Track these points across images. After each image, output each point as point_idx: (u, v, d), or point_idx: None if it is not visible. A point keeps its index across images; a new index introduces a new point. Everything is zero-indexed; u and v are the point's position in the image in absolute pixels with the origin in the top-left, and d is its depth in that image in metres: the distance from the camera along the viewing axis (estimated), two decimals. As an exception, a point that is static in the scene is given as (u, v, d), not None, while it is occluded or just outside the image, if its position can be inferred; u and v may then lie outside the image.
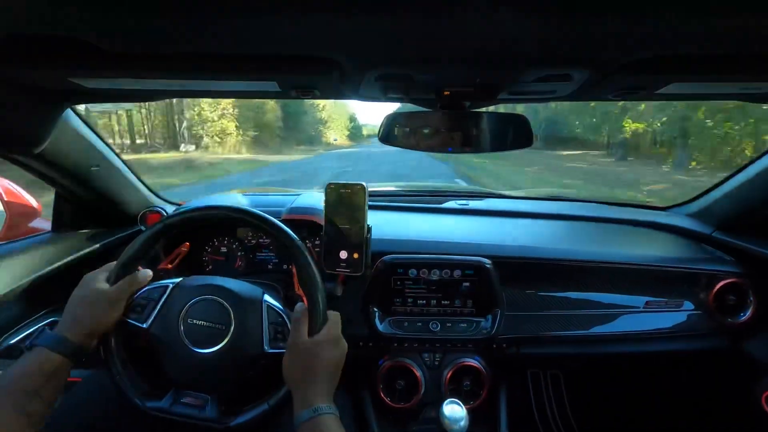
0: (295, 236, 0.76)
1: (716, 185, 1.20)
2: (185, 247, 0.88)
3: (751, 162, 1.06)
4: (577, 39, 0.48)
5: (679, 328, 1.09)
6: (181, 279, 0.81)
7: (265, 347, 0.76)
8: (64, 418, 0.80)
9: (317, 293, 0.73)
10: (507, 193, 1.63)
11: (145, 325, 0.75)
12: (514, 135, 0.76)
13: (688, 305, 1.11)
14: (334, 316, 0.75)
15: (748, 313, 1.06)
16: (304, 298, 0.75)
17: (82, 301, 0.71)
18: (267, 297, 0.80)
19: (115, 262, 0.76)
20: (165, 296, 0.77)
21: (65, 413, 0.80)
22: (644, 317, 1.10)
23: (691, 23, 0.44)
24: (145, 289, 0.78)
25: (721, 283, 1.07)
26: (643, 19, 0.43)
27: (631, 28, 0.45)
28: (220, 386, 0.76)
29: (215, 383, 0.76)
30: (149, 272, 0.80)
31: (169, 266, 0.86)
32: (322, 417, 0.62)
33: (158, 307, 0.77)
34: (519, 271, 1.09)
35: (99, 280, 0.74)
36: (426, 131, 0.75)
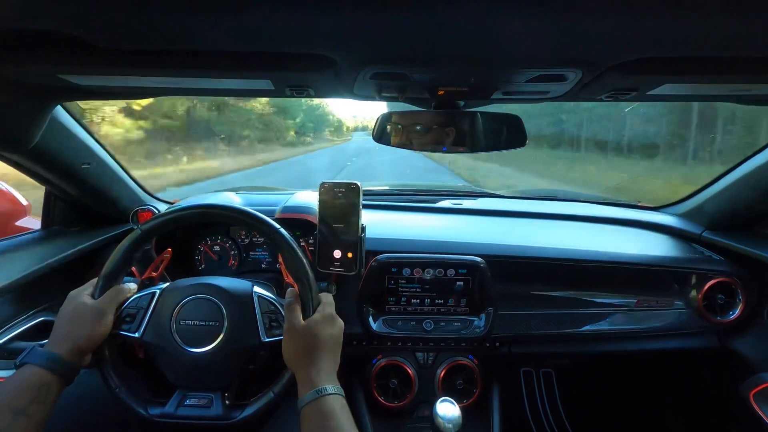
0: (275, 224, 0.76)
1: (706, 185, 1.21)
2: (167, 253, 0.88)
3: (741, 162, 1.08)
4: (570, 39, 0.49)
5: (670, 327, 1.10)
6: (168, 284, 0.80)
7: (262, 337, 0.76)
8: (65, 417, 0.79)
9: (305, 276, 0.73)
10: (500, 192, 1.63)
11: (137, 335, 0.75)
12: (507, 134, 0.76)
13: (678, 304, 1.12)
14: (326, 297, 0.76)
15: (737, 311, 1.08)
16: (295, 285, 0.75)
17: (69, 317, 0.70)
18: (257, 288, 0.80)
19: (97, 278, 0.76)
20: (154, 303, 0.77)
21: (67, 412, 0.79)
22: (635, 316, 1.11)
23: (682, 25, 0.44)
24: (132, 298, 0.77)
25: (711, 283, 1.08)
26: (636, 20, 0.43)
27: (623, 29, 0.46)
28: (222, 383, 0.76)
29: (217, 380, 0.76)
30: (133, 284, 0.79)
31: (154, 274, 0.85)
32: (326, 397, 0.62)
33: (148, 314, 0.76)
34: (512, 270, 1.09)
35: (84, 295, 0.73)
36: (420, 130, 0.75)
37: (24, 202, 1.95)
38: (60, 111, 0.89)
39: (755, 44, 0.50)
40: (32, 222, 1.91)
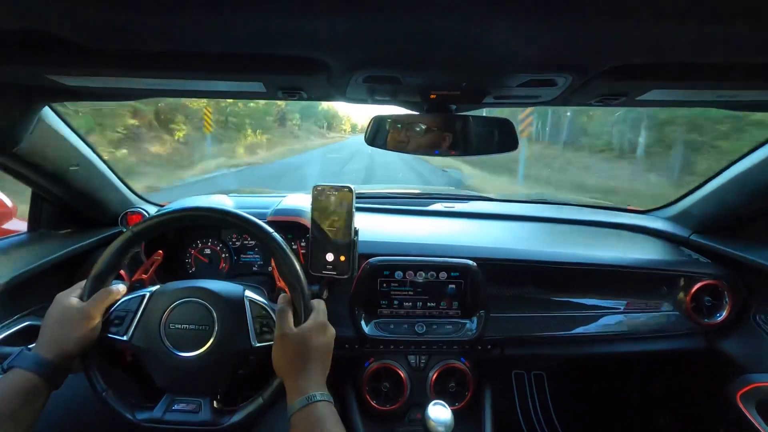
0: (269, 228, 0.76)
1: (694, 189, 1.23)
2: (158, 255, 0.87)
3: (728, 166, 1.09)
4: (561, 45, 0.49)
5: (658, 329, 1.11)
6: (158, 286, 0.79)
7: (253, 342, 0.75)
8: (52, 422, 0.77)
9: (298, 283, 0.73)
10: (492, 195, 1.65)
11: (125, 338, 0.73)
12: (499, 138, 0.77)
13: (667, 306, 1.14)
14: (319, 304, 0.75)
15: (724, 313, 1.09)
16: (287, 290, 0.75)
17: (57, 320, 0.69)
18: (248, 293, 0.79)
19: (86, 280, 0.74)
20: (143, 305, 0.75)
21: (53, 417, 0.78)
22: (624, 318, 1.12)
23: (671, 32, 0.45)
24: (121, 301, 0.76)
25: (698, 285, 1.09)
26: (625, 26, 0.44)
27: (612, 35, 0.46)
28: (211, 387, 0.75)
29: (206, 385, 0.75)
30: (123, 286, 0.78)
31: (144, 276, 0.84)
32: (316, 404, 0.62)
33: (137, 317, 0.75)
34: (504, 273, 1.10)
35: (71, 297, 0.72)
36: (412, 133, 0.76)
37: (9, 204, 1.91)
38: (47, 112, 0.88)
39: (742, 51, 0.51)
40: (18, 224, 1.87)
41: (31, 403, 0.61)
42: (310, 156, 16.25)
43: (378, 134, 0.76)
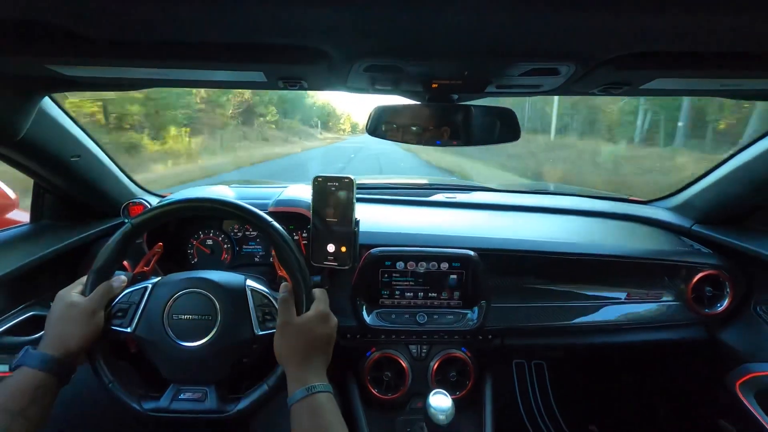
0: (269, 218, 0.76)
1: (696, 179, 1.23)
2: (159, 247, 0.87)
3: (731, 157, 1.09)
4: (564, 34, 0.49)
5: (659, 319, 1.12)
6: (160, 278, 0.80)
7: (256, 330, 0.76)
8: (61, 414, 0.78)
9: (300, 272, 0.73)
10: (493, 186, 1.64)
11: (129, 329, 0.74)
12: (501, 128, 0.76)
13: (668, 296, 1.14)
14: (321, 293, 0.75)
15: (725, 303, 1.10)
16: (289, 280, 0.75)
17: (60, 318, 0.69)
18: (249, 282, 0.79)
19: (87, 275, 0.75)
20: (146, 297, 0.76)
21: (62, 408, 0.79)
22: (626, 308, 1.12)
23: (675, 20, 0.45)
24: (124, 293, 0.77)
25: (699, 275, 1.10)
26: (629, 15, 0.43)
27: (616, 24, 0.46)
28: (216, 376, 0.76)
29: (211, 374, 0.76)
30: (124, 277, 0.79)
31: (146, 269, 0.84)
32: (316, 395, 0.63)
33: (140, 308, 0.75)
34: (505, 263, 1.10)
35: (73, 293, 0.72)
36: (414, 123, 0.75)
37: (12, 195, 1.92)
38: (48, 102, 0.88)
39: (747, 40, 0.50)
40: (20, 215, 1.88)
41: (40, 399, 0.62)
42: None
43: (379, 124, 0.76)
